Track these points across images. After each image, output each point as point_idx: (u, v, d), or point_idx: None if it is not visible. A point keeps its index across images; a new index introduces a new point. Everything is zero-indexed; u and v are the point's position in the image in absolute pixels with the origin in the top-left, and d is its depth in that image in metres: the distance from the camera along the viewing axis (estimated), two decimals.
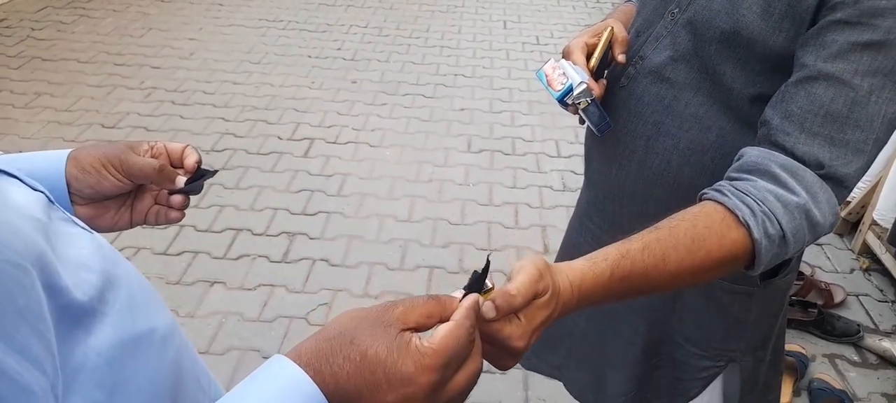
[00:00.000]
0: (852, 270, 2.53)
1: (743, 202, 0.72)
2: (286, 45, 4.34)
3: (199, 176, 0.77)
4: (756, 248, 0.71)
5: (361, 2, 5.16)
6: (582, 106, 0.91)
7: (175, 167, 0.77)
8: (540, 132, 3.43)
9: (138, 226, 0.79)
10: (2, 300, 0.38)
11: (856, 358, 2.16)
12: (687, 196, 0.92)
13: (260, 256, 2.47)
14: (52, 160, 0.71)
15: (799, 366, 2.05)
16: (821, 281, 2.38)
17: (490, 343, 0.59)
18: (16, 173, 0.48)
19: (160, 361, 0.53)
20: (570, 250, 1.19)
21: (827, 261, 2.56)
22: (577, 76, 0.90)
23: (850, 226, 2.66)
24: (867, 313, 2.34)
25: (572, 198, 1.21)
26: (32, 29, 4.28)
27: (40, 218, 0.45)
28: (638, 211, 0.99)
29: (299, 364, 0.47)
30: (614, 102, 0.97)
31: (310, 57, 4.19)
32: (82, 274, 0.47)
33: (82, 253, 0.48)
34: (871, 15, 0.71)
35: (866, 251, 2.53)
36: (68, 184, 0.71)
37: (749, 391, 1.07)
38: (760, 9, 0.79)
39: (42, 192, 0.48)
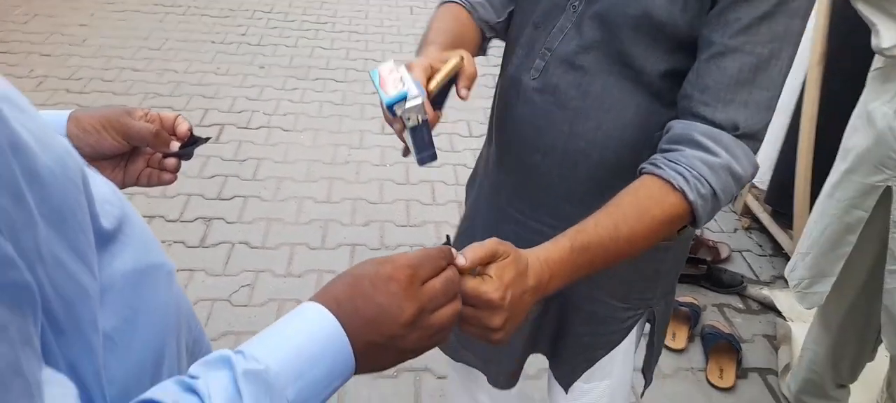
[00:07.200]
0: (735, 229, 2.81)
1: (675, 171, 0.83)
2: (187, 30, 4.21)
3: (191, 142, 0.82)
4: (693, 208, 0.83)
5: None
6: (411, 123, 0.82)
7: (170, 134, 0.81)
8: (452, 114, 3.54)
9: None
10: (69, 214, 0.43)
11: (740, 306, 2.42)
12: (614, 170, 0.98)
13: (176, 242, 2.43)
14: (53, 119, 0.74)
15: (692, 315, 2.27)
16: (709, 240, 2.63)
17: (471, 305, 0.69)
18: None
19: (168, 294, 0.59)
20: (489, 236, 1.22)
21: (714, 222, 2.83)
22: (415, 88, 0.82)
23: None
24: (749, 266, 2.61)
25: None
26: None
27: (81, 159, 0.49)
28: (566, 191, 1.03)
29: (313, 300, 0.58)
30: (529, 94, 1.00)
31: (213, 42, 4.09)
32: (106, 206, 0.51)
33: (104, 190, 0.53)
34: None
35: (747, 212, 2.82)
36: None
37: (660, 331, 1.21)
38: None
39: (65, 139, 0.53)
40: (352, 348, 0.56)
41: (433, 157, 0.88)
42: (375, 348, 0.58)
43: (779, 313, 2.35)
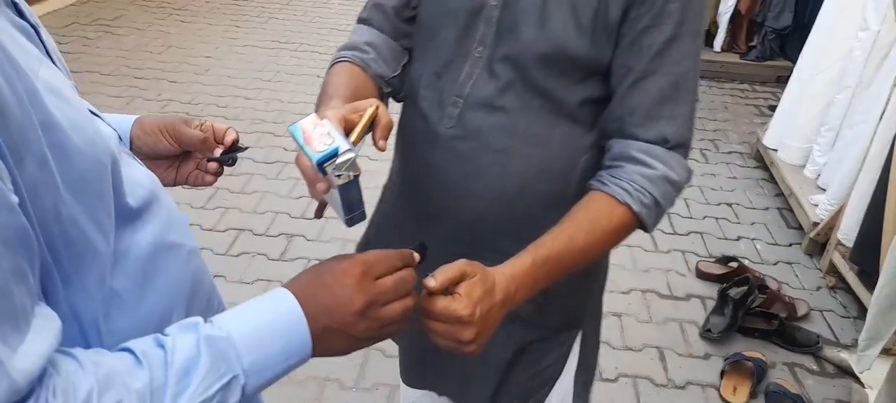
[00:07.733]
0: (819, 287, 2.66)
1: (618, 186, 0.91)
2: (297, 65, 4.57)
3: (233, 150, 0.96)
4: (639, 217, 0.91)
5: None
6: (342, 181, 0.75)
7: (218, 142, 0.95)
8: None
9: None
10: (89, 185, 0.55)
11: (814, 368, 2.29)
12: (547, 199, 1.01)
13: (259, 254, 2.64)
14: (122, 121, 0.89)
15: (757, 371, 2.18)
16: (786, 296, 2.51)
17: (444, 322, 0.76)
18: (98, 113, 0.66)
19: (183, 270, 0.70)
20: None
21: (795, 278, 2.69)
22: (345, 142, 0.75)
23: (819, 247, 2.79)
24: (829, 326, 2.46)
25: None
26: (59, 42, 4.50)
27: (114, 145, 0.61)
28: (503, 229, 1.02)
29: (283, 287, 0.67)
30: (448, 143, 1.00)
31: (318, 77, 4.39)
32: (137, 189, 0.63)
33: (138, 175, 0.65)
34: (664, 15, 0.88)
35: (833, 270, 2.66)
36: (131, 141, 0.89)
37: (594, 348, 1.23)
38: (573, 27, 0.90)
39: (115, 131, 0.65)
40: (309, 331, 0.65)
41: (363, 216, 0.82)
42: (330, 333, 0.67)
43: (857, 378, 2.20)
